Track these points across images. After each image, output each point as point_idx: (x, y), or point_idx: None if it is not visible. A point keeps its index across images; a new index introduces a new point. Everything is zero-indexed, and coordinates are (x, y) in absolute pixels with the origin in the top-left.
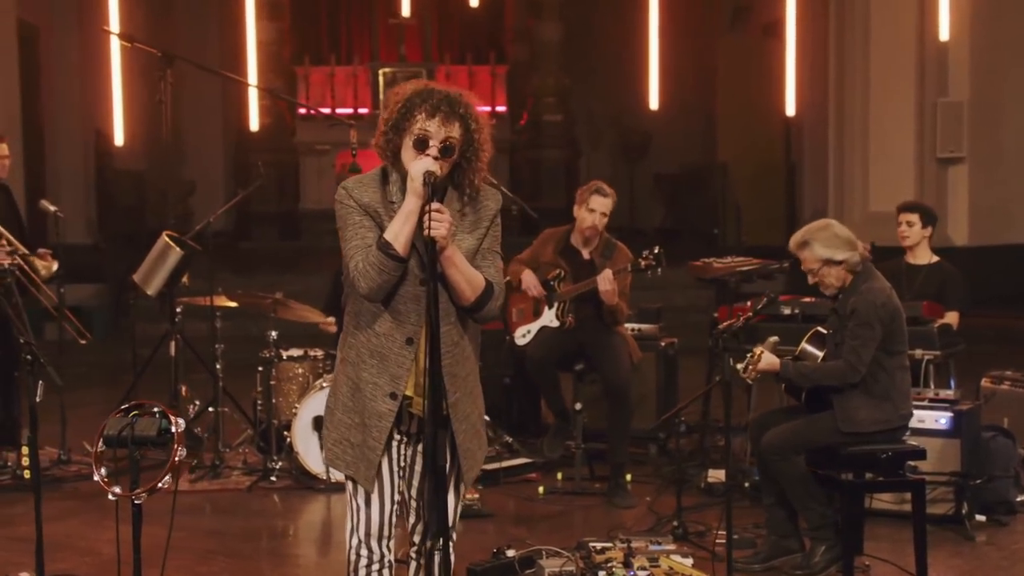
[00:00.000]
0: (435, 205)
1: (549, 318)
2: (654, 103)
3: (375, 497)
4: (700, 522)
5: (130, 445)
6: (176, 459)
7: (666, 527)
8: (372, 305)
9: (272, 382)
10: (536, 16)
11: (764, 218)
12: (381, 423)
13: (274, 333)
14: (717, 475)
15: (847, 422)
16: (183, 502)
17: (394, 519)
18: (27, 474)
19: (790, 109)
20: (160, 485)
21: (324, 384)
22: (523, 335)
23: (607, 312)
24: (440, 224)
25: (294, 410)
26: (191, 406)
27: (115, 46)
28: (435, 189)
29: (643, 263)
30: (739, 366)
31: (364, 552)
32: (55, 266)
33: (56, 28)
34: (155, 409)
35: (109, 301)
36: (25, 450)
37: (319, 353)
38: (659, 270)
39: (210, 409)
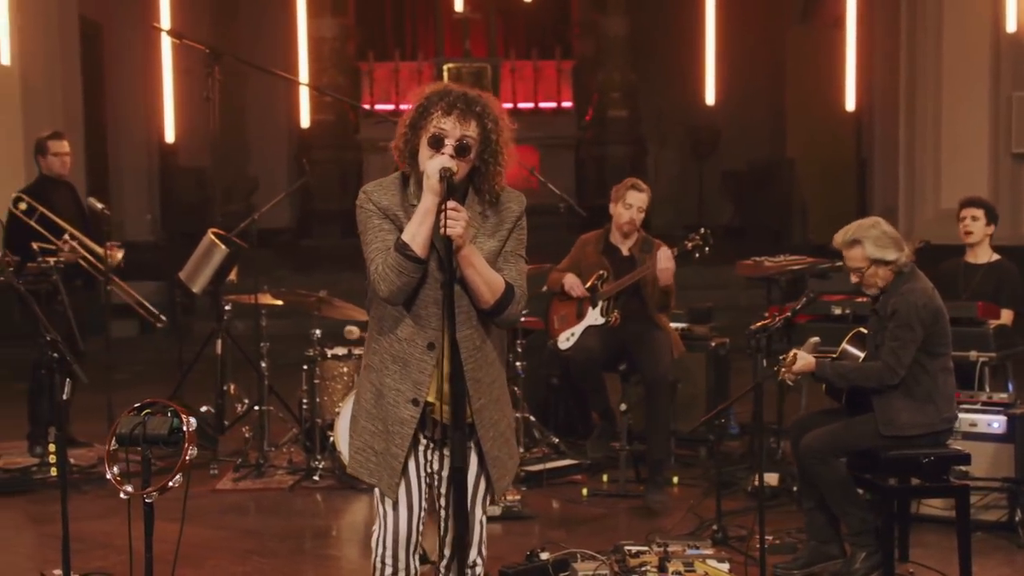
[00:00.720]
0: (451, 203)
1: (594, 317)
2: (710, 98)
3: (403, 505)
4: (744, 526)
5: (142, 444)
6: (187, 458)
7: (706, 531)
8: (394, 310)
9: (316, 381)
10: (601, 11)
11: (832, 215)
12: (404, 430)
13: (318, 331)
14: (766, 478)
15: (888, 425)
16: (226, 501)
17: (421, 527)
18: (54, 471)
19: (850, 104)
20: (171, 484)
21: None
22: (567, 339)
23: (659, 297)
24: (456, 222)
25: (337, 409)
26: (239, 405)
27: (168, 43)
28: (453, 189)
29: (689, 244)
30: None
31: (389, 561)
32: (120, 255)
33: (118, 25)
34: (168, 408)
35: (169, 299)
36: (52, 447)
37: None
38: (707, 249)
39: (256, 408)
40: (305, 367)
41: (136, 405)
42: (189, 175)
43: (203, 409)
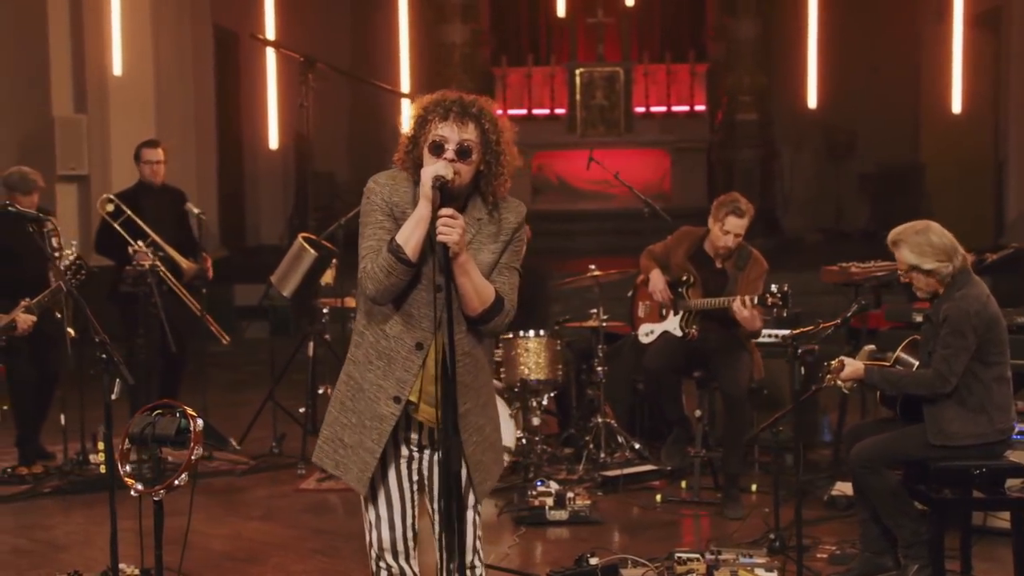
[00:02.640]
0: (448, 211)
1: (673, 325)
2: (812, 102)
3: (384, 514)
4: (810, 536)
5: (151, 443)
6: (192, 458)
7: (766, 540)
8: (386, 306)
9: None
10: (731, 13)
11: (967, 219)
12: (382, 426)
13: None
14: (843, 488)
15: (938, 434)
16: (306, 500)
17: (410, 535)
18: (102, 468)
19: (956, 106)
20: (176, 483)
21: None
22: (647, 334)
23: (742, 328)
24: (451, 230)
25: None
26: None
27: (264, 50)
28: (455, 196)
29: (770, 300)
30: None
31: (384, 565)
32: (195, 268)
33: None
34: (177, 410)
35: (298, 302)
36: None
37: None
38: (784, 312)
39: None
40: None
41: (149, 406)
42: (322, 180)
43: (301, 411)
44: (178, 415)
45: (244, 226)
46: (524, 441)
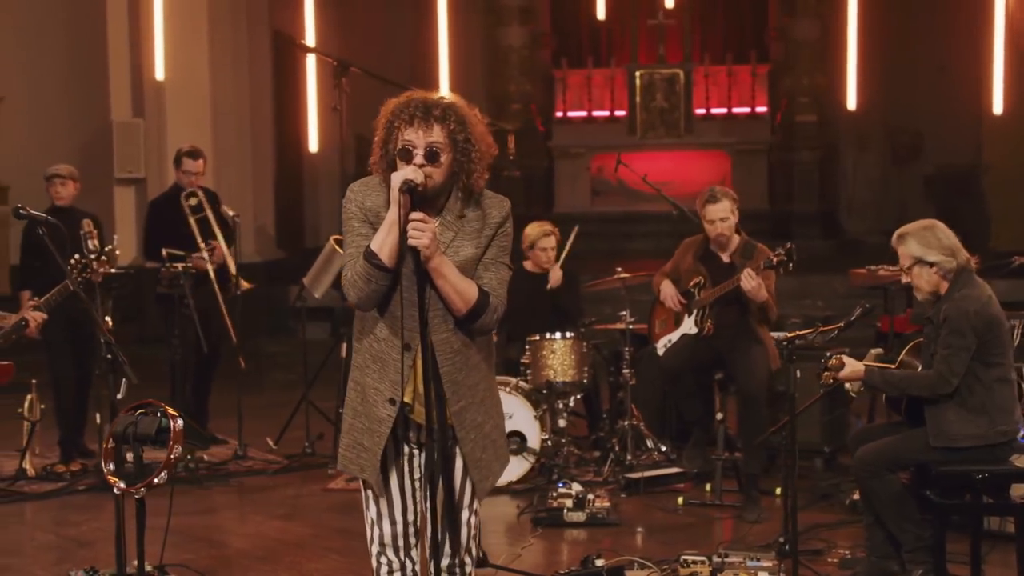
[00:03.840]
0: (418, 215)
1: (688, 326)
2: (852, 103)
3: (385, 511)
4: (826, 540)
5: (132, 442)
6: (171, 456)
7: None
8: (375, 311)
9: None
10: (791, 14)
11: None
12: (381, 428)
13: None
14: None
15: (938, 436)
16: (332, 500)
17: (411, 530)
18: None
19: (997, 107)
20: (156, 481)
21: None
22: (664, 345)
23: (756, 310)
24: (421, 234)
25: None
26: None
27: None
28: (431, 196)
29: (775, 259)
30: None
31: (384, 561)
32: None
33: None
34: (158, 409)
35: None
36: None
37: None
38: (790, 265)
39: None
40: None
41: (131, 406)
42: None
43: (340, 411)
44: (159, 415)
45: (303, 228)
46: (550, 443)
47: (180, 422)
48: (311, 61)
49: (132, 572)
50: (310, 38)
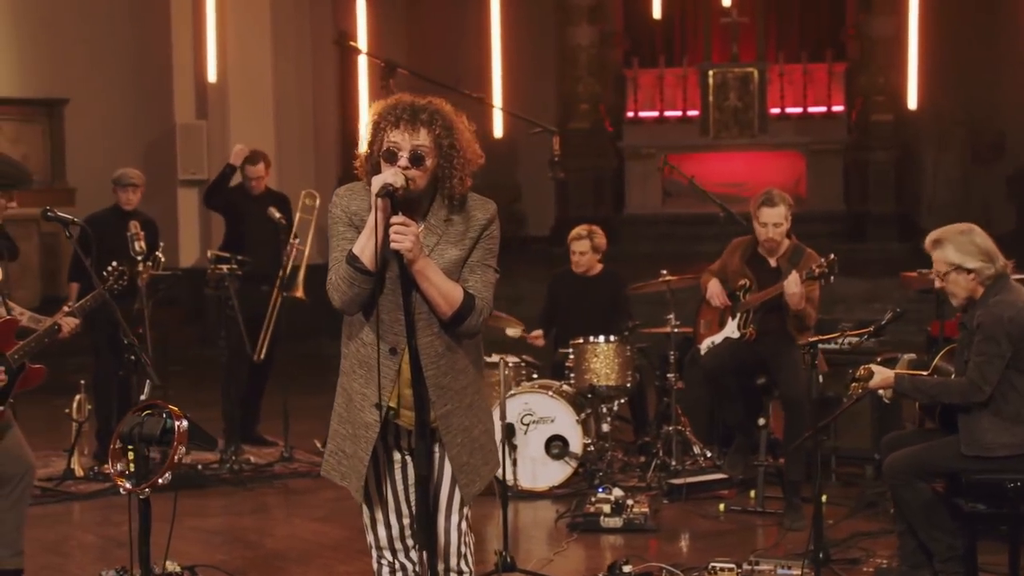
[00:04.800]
0: (399, 218)
1: (731, 329)
2: (913, 103)
3: (380, 516)
4: (866, 549)
5: (138, 443)
6: (175, 457)
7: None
8: (361, 315)
9: None
10: (866, 11)
11: None
12: (368, 433)
13: None
14: None
15: (971, 445)
16: None
17: (407, 532)
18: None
19: None
20: (160, 481)
21: (512, 392)
22: (707, 347)
23: (792, 318)
24: (403, 237)
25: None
26: None
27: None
28: (414, 200)
29: (816, 270)
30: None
31: (385, 562)
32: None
33: (381, 40)
34: (164, 410)
35: None
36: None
37: (514, 359)
38: (831, 278)
39: None
40: None
41: (139, 406)
42: None
43: None
44: (164, 416)
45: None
46: (592, 448)
47: (184, 423)
48: (363, 62)
49: (160, 572)
50: (362, 40)
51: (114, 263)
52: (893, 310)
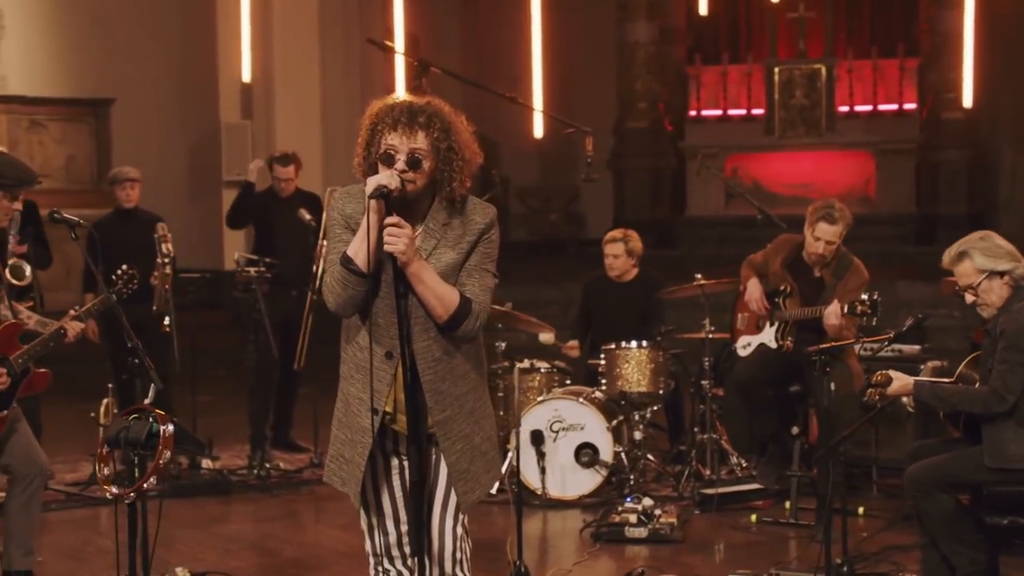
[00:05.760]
0: (393, 220)
1: (768, 336)
2: (968, 101)
3: (376, 522)
4: (896, 563)
5: (124, 447)
6: (160, 462)
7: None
8: (356, 318)
9: (499, 394)
10: (939, 4)
11: None
12: (364, 438)
13: (502, 344)
14: None
15: (995, 456)
16: None
17: (405, 539)
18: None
19: None
20: (145, 486)
21: (541, 399)
22: (744, 346)
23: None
24: (397, 239)
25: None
26: None
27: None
28: (412, 202)
29: (859, 309)
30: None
31: (381, 570)
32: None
33: (436, 37)
34: (150, 414)
35: None
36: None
37: (545, 365)
38: (874, 320)
39: None
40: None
41: (127, 410)
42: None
43: None
44: (150, 420)
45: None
46: (623, 456)
47: (170, 427)
48: (399, 62)
49: None
50: (398, 40)
51: (123, 267)
52: (915, 316)
